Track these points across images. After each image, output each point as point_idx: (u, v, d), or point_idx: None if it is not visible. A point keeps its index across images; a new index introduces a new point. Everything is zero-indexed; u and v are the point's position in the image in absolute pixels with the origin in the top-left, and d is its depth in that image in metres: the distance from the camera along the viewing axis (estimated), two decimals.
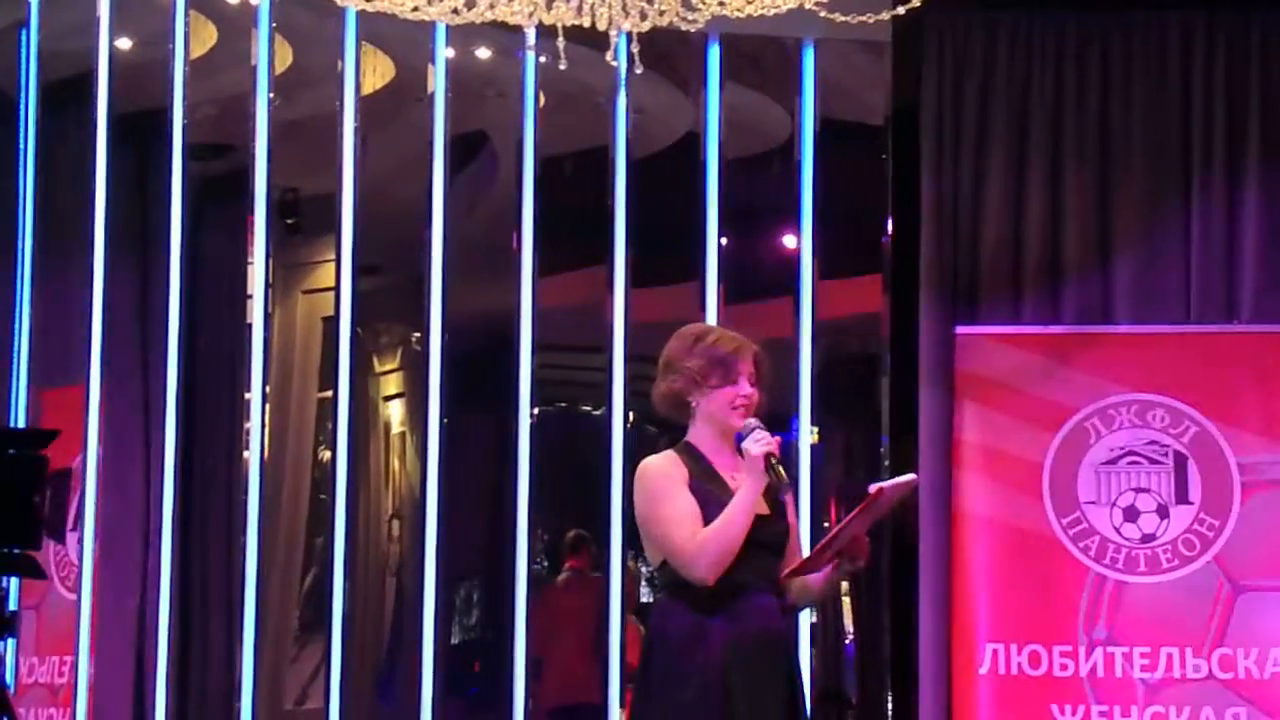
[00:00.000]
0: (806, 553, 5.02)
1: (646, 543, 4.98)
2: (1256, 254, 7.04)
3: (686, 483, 4.89)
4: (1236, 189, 7.08)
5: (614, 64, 5.64)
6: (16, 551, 5.08)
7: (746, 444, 4.86)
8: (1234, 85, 7.10)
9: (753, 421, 4.92)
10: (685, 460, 4.95)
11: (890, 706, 7.20)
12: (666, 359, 5.00)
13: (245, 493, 7.27)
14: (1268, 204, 7.06)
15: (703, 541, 4.82)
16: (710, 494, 4.91)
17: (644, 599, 7.92)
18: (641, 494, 4.92)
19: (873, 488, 4.88)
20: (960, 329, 6.96)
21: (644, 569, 5.16)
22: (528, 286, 7.40)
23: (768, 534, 4.95)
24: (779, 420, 5.18)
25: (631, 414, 7.41)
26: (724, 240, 7.45)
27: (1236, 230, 7.07)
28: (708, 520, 4.87)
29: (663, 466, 4.92)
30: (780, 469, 4.88)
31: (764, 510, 4.90)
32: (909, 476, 5.07)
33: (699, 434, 4.97)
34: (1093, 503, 6.75)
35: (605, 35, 5.46)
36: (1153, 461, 6.76)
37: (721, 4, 5.25)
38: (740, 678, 4.83)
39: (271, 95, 7.33)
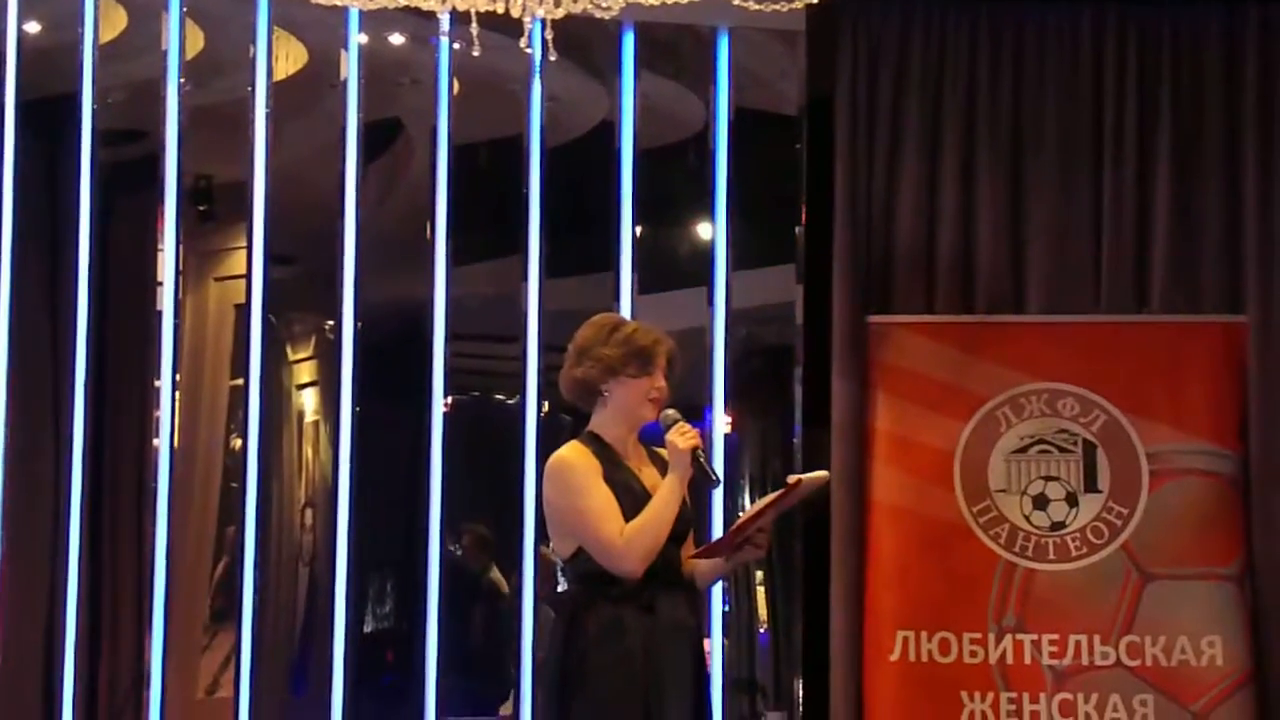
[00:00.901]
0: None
1: (560, 534, 4.98)
2: (1166, 245, 7.10)
3: (601, 475, 4.90)
4: (1147, 180, 7.14)
5: (528, 51, 5.63)
6: None
7: (671, 436, 4.89)
8: (1145, 76, 7.15)
9: (673, 413, 4.95)
10: (594, 451, 4.95)
11: (801, 694, 7.22)
12: (580, 346, 5.01)
13: (155, 481, 7.23)
14: (1177, 196, 7.12)
15: (631, 536, 4.83)
16: (622, 484, 4.92)
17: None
18: (560, 486, 4.91)
19: (791, 478, 4.93)
20: (873, 318, 6.99)
21: (556, 560, 5.15)
22: (441, 275, 7.39)
23: (678, 526, 4.97)
24: (693, 410, 5.20)
25: (546, 403, 7.41)
26: (638, 229, 7.46)
27: (1147, 221, 7.13)
28: (623, 511, 4.88)
29: (579, 459, 4.92)
30: (708, 466, 4.90)
31: None
32: (823, 473, 5.11)
33: (604, 422, 4.99)
34: (1003, 491, 6.79)
35: (520, 22, 5.45)
36: (1062, 450, 6.81)
37: None
38: (658, 669, 4.86)
39: (182, 81, 7.28)
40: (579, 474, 4.90)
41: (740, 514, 5.19)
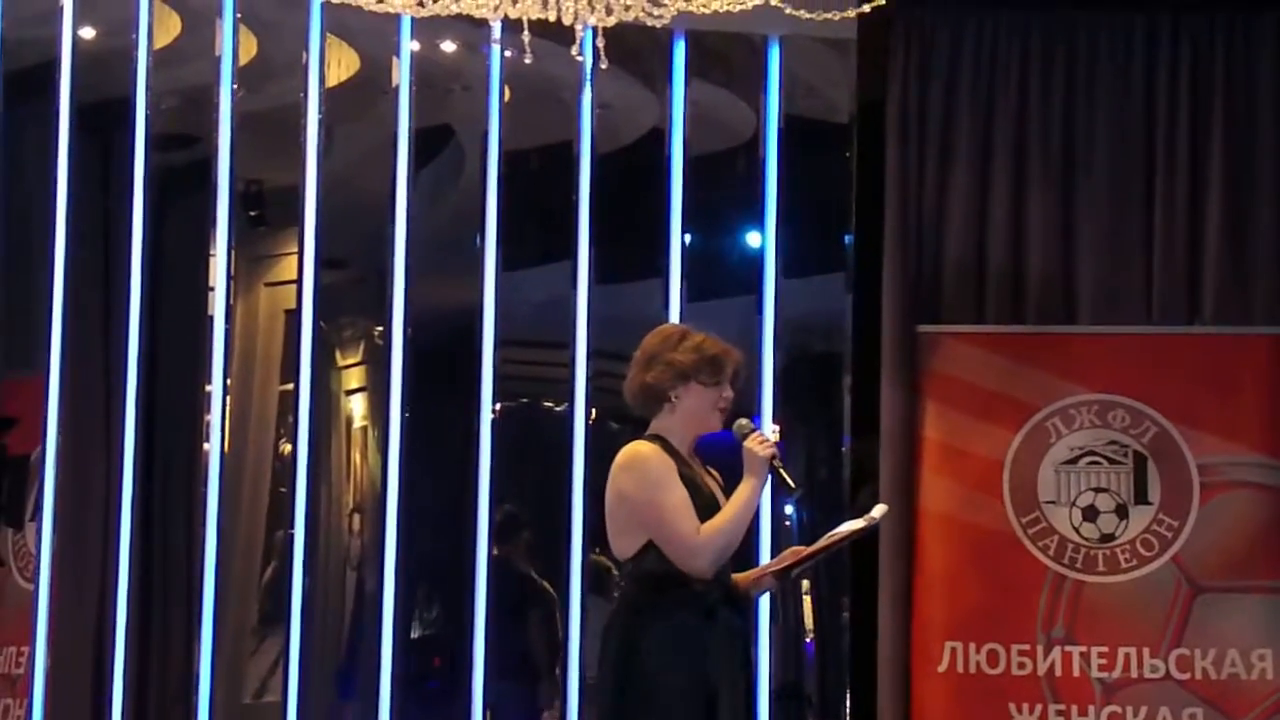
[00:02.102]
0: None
1: (627, 530, 4.92)
2: (1218, 256, 7.07)
3: (677, 472, 4.90)
4: (1199, 191, 7.11)
5: (579, 59, 5.64)
6: None
7: (749, 444, 4.88)
8: (1198, 88, 7.13)
9: (747, 422, 4.95)
10: (666, 450, 4.94)
11: (849, 704, 7.21)
12: (649, 352, 5.00)
13: (205, 485, 7.25)
14: (1229, 206, 7.09)
15: (709, 534, 4.83)
16: (692, 485, 4.91)
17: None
18: (637, 479, 4.87)
19: (865, 519, 4.97)
20: (922, 328, 6.98)
21: (612, 564, 5.13)
22: (491, 281, 7.40)
23: None
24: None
25: (594, 410, 7.41)
26: (688, 237, 7.46)
27: (1198, 232, 7.10)
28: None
29: (656, 454, 4.90)
30: (787, 475, 4.90)
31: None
32: (884, 506, 5.15)
33: (669, 427, 4.97)
34: (1052, 502, 6.77)
35: (571, 30, 5.46)
36: (1112, 461, 6.78)
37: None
38: (718, 674, 4.85)
39: (235, 86, 7.31)
40: (659, 468, 4.87)
41: (798, 547, 5.16)
